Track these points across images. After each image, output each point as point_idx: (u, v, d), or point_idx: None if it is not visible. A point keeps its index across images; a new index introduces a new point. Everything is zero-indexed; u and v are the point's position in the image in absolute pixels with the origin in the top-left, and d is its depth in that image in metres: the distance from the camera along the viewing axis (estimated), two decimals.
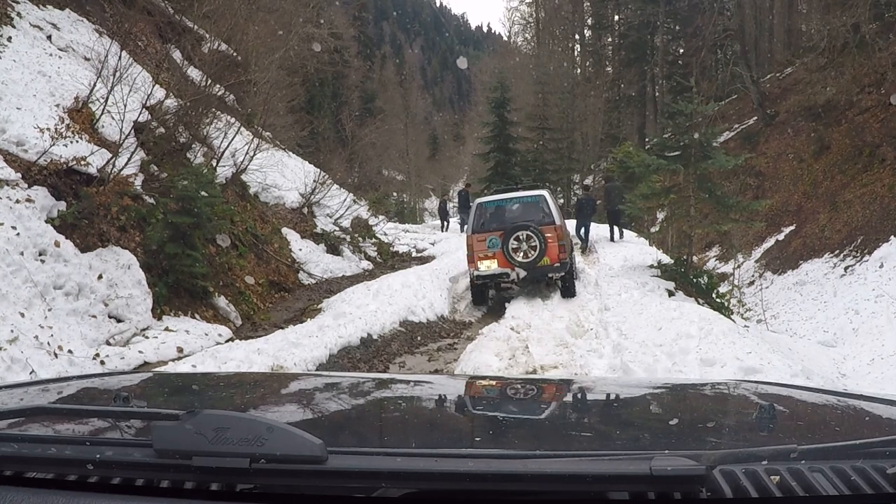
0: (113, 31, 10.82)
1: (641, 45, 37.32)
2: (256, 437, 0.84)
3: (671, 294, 9.95)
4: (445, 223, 24.40)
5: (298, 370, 5.84)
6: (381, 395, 1.60)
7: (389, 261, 15.88)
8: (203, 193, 8.30)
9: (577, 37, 46.03)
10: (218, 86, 11.85)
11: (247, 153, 12.14)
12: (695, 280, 11.18)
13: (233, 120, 12.42)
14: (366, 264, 14.60)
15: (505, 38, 67.01)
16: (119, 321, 7.01)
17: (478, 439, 1.19)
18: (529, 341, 7.16)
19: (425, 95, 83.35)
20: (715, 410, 1.45)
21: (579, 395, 1.66)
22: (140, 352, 6.67)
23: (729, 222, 11.70)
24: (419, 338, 8.18)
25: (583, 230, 15.43)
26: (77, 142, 7.88)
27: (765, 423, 1.10)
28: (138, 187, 8.42)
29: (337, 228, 15.04)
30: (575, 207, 16.95)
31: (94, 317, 6.73)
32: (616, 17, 41.48)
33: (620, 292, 9.44)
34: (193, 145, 10.77)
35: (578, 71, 45.10)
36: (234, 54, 13.96)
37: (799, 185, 18.16)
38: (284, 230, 12.99)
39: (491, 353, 6.62)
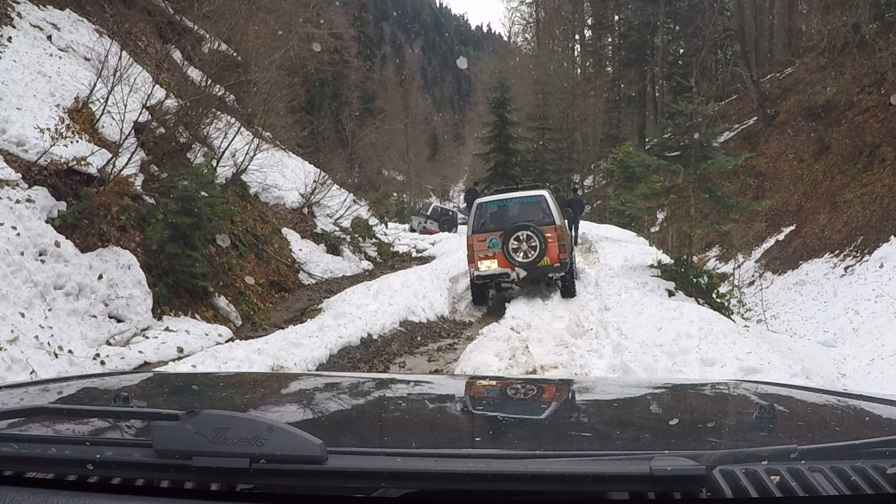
0: (113, 32, 10.83)
1: (641, 45, 37.32)
2: (256, 437, 0.84)
3: (671, 294, 9.95)
4: None
5: (298, 370, 5.83)
6: (381, 395, 1.60)
7: (389, 261, 15.88)
8: (203, 193, 8.30)
9: (577, 37, 46.05)
10: (218, 86, 11.84)
11: (247, 153, 12.13)
12: (695, 280, 11.18)
13: (233, 120, 12.42)
14: (366, 264, 14.60)
15: (505, 39, 67.09)
16: (119, 321, 7.01)
17: (478, 439, 1.19)
18: (529, 341, 7.15)
19: (425, 95, 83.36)
20: (715, 410, 1.45)
21: (579, 395, 1.66)
22: (140, 352, 6.67)
23: (729, 222, 11.70)
24: (419, 338, 8.18)
25: (572, 229, 15.83)
26: (77, 142, 7.88)
27: (765, 423, 1.10)
28: (138, 187, 8.42)
29: (337, 228, 15.04)
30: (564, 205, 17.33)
31: (95, 317, 6.74)
32: (616, 18, 41.49)
33: (620, 292, 9.44)
34: (193, 145, 10.77)
35: (578, 71, 45.12)
36: (234, 54, 13.96)
37: (799, 185, 18.16)
38: (284, 230, 12.99)
39: (491, 353, 6.62)
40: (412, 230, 24.56)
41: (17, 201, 6.65)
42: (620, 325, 7.41)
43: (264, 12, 17.32)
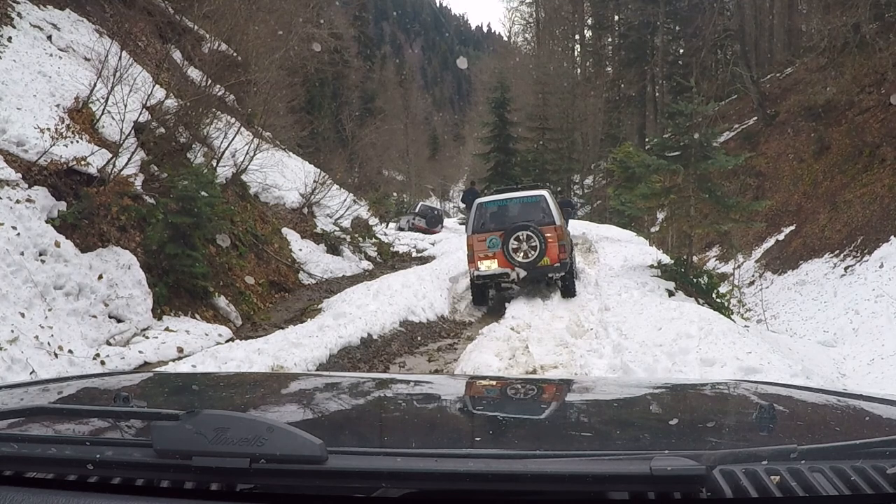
0: (113, 31, 10.83)
1: (641, 45, 37.35)
2: (256, 437, 0.84)
3: (671, 294, 9.95)
4: None
5: (298, 370, 5.83)
6: (381, 395, 1.60)
7: (389, 261, 15.88)
8: (203, 193, 8.29)
9: (577, 37, 46.08)
10: (218, 86, 11.84)
11: (247, 153, 12.13)
12: (695, 280, 11.18)
13: (233, 120, 12.41)
14: (366, 264, 14.60)
15: (505, 39, 67.15)
16: (119, 321, 7.01)
17: (478, 439, 1.19)
18: (529, 341, 7.15)
19: (425, 95, 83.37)
20: (715, 410, 1.45)
21: (579, 395, 1.66)
22: (140, 352, 6.67)
23: (729, 222, 11.70)
24: (419, 338, 8.18)
25: None
26: (77, 142, 7.88)
27: (765, 423, 1.09)
28: (138, 187, 8.42)
29: (337, 228, 15.04)
30: None
31: (95, 317, 6.74)
32: (616, 17, 41.53)
33: (620, 292, 9.44)
34: (193, 145, 10.76)
35: (578, 71, 45.16)
36: (234, 54, 13.95)
37: (799, 185, 18.17)
38: (284, 230, 12.99)
39: (491, 353, 6.62)
40: (400, 229, 24.77)
41: (17, 201, 6.65)
42: (620, 325, 7.41)
43: (264, 12, 17.31)
